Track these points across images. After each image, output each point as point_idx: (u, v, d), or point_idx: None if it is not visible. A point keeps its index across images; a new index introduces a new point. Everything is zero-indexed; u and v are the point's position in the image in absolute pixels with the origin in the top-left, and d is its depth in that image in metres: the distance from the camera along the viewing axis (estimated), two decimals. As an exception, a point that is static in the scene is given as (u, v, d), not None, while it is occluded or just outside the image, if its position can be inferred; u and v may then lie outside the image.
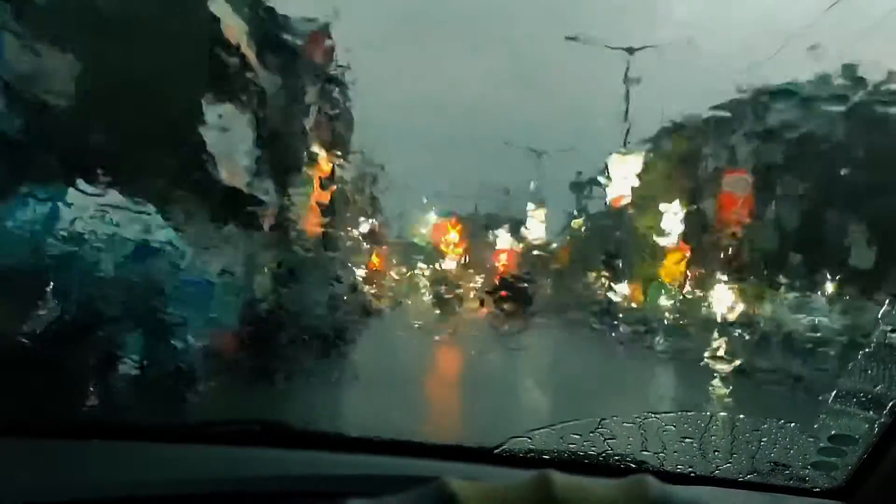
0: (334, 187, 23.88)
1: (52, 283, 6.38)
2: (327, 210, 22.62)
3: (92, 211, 7.24)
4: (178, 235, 8.58)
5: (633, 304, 28.74)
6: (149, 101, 10.92)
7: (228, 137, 14.93)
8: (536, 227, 39.45)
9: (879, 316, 2.48)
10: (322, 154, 22.70)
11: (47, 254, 6.77)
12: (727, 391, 10.50)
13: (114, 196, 7.55)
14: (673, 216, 29.91)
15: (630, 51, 28.24)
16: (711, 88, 25.11)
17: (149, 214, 7.96)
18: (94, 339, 6.35)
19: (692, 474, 1.84)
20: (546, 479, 0.79)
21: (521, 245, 40.16)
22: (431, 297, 33.37)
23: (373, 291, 25.23)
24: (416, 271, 42.12)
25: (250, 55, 16.11)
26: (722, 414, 2.37)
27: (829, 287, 20.07)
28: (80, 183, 7.60)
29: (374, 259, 32.66)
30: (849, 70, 23.54)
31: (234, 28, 15.22)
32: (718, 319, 21.54)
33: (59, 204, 7.19)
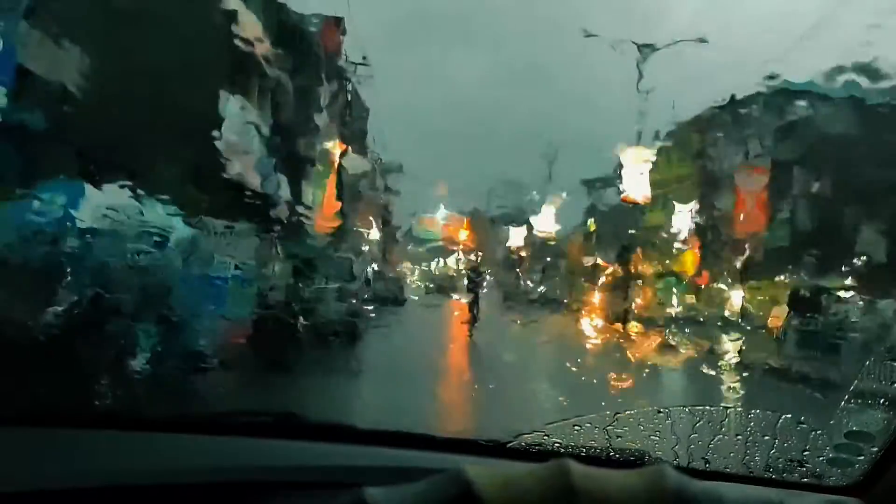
0: (347, 182, 23.91)
1: (67, 275, 6.42)
2: (341, 204, 22.67)
3: (106, 203, 7.28)
4: (191, 228, 8.63)
5: (644, 299, 28.62)
6: (165, 95, 10.98)
7: (244, 132, 15.00)
8: (548, 222, 39.30)
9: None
10: (336, 149, 22.73)
11: (63, 245, 6.82)
12: (743, 387, 10.44)
13: (129, 189, 7.59)
14: (685, 212, 29.74)
15: (644, 48, 28.08)
16: (723, 85, 24.92)
17: (163, 207, 7.99)
18: (109, 331, 6.39)
19: (707, 469, 1.84)
20: (564, 467, 0.79)
21: (533, 239, 39.97)
22: (436, 291, 33.37)
23: (384, 286, 25.22)
24: (425, 267, 41.99)
25: (266, 51, 16.17)
26: (737, 410, 2.36)
27: (848, 284, 19.89)
28: (97, 175, 7.65)
29: (387, 253, 32.62)
30: (862, 66, 23.27)
31: (250, 24, 15.28)
32: (733, 316, 21.42)
33: (76, 196, 7.24)
